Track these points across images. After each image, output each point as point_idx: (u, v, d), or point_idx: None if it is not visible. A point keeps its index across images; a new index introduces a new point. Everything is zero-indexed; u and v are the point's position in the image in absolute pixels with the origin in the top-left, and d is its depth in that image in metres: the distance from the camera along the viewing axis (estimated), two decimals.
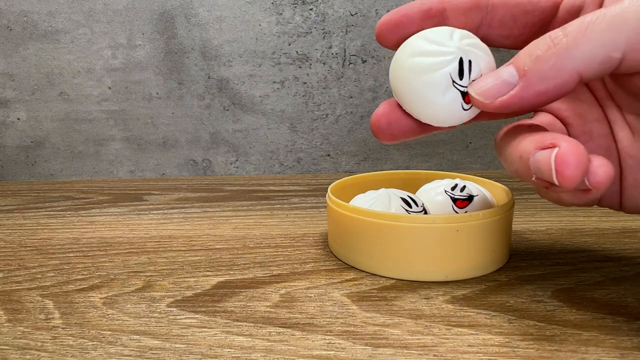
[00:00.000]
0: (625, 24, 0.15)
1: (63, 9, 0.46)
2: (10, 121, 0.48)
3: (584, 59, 0.16)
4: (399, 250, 0.23)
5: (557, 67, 0.16)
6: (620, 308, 0.20)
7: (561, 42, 0.16)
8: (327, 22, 0.46)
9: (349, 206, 0.25)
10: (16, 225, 0.34)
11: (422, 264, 0.23)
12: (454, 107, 0.19)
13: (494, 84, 0.17)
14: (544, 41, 0.16)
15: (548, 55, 0.16)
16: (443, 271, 0.23)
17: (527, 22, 0.21)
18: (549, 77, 0.16)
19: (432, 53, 0.19)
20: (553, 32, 0.16)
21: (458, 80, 0.19)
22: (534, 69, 0.16)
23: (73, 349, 0.18)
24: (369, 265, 0.24)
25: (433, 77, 0.19)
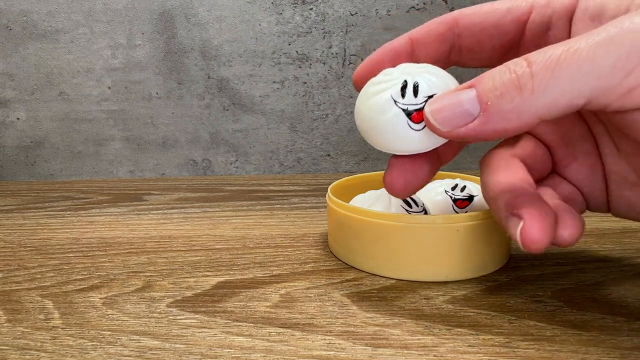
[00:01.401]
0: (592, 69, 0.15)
1: (63, 9, 0.46)
2: (10, 121, 0.48)
3: (546, 105, 0.15)
4: (399, 250, 0.23)
5: (519, 109, 0.15)
6: (620, 308, 0.20)
7: (526, 85, 0.15)
8: (327, 22, 0.46)
9: (349, 206, 0.25)
10: (16, 225, 0.34)
11: (423, 264, 0.23)
12: (400, 125, 0.19)
13: (453, 112, 0.17)
14: (508, 76, 0.16)
15: (512, 95, 0.15)
16: (443, 271, 0.23)
17: (494, 45, 0.21)
18: (509, 117, 0.16)
19: (380, 82, 0.20)
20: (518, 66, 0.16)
21: (400, 99, 0.19)
22: (496, 106, 0.16)
23: (73, 349, 0.18)
24: (369, 266, 0.24)
25: (376, 100, 0.19)
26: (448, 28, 0.21)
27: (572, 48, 0.15)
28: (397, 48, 0.21)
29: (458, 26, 0.21)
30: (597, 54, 0.14)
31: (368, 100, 0.20)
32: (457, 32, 0.21)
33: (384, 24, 0.46)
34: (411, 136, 0.19)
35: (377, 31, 0.46)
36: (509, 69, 0.16)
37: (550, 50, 0.15)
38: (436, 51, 0.21)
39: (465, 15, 0.21)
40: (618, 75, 0.14)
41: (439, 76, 0.19)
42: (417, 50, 0.21)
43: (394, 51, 0.22)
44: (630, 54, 0.14)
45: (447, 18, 0.21)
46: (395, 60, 0.21)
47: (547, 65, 0.15)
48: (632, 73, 0.14)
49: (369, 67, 0.22)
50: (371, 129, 0.20)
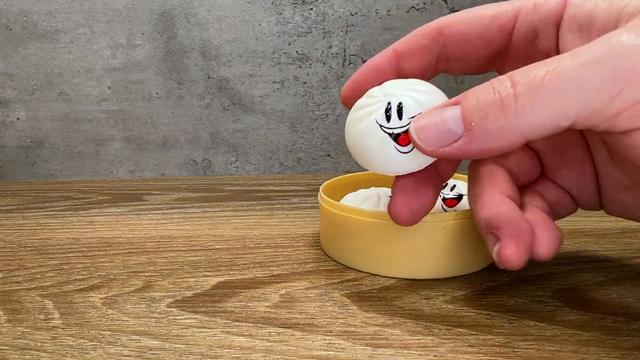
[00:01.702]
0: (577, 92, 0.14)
1: (63, 9, 0.46)
2: (10, 121, 0.48)
3: (531, 126, 0.15)
4: (386, 248, 0.23)
5: (503, 130, 0.15)
6: (620, 308, 0.20)
7: (510, 106, 0.15)
8: (327, 22, 0.46)
9: (338, 205, 0.25)
10: (16, 225, 0.34)
11: (409, 262, 0.23)
12: (387, 150, 0.19)
13: (437, 130, 0.17)
14: (492, 96, 0.15)
15: (496, 116, 0.15)
16: (430, 269, 0.23)
17: (479, 55, 0.20)
18: (494, 137, 0.16)
19: (364, 105, 0.20)
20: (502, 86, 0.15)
21: (385, 123, 0.19)
22: (480, 127, 0.16)
23: (73, 349, 0.18)
24: (358, 263, 0.25)
25: (362, 126, 0.19)
26: (432, 39, 0.20)
27: (556, 68, 0.14)
28: (381, 63, 0.21)
29: (443, 36, 0.20)
30: (582, 75, 0.14)
31: (355, 126, 0.20)
32: (442, 42, 0.20)
33: (384, 24, 0.46)
34: (400, 158, 0.19)
35: (377, 31, 0.46)
36: (494, 89, 0.15)
37: (535, 70, 0.15)
38: (422, 63, 0.21)
39: (449, 25, 0.20)
40: (604, 98, 0.14)
41: (425, 93, 0.19)
42: (403, 63, 0.21)
43: (378, 67, 0.21)
44: (617, 77, 0.14)
45: (430, 28, 0.20)
46: (381, 76, 0.21)
47: (531, 86, 0.15)
48: (618, 96, 0.14)
49: (354, 86, 0.22)
50: (361, 153, 0.20)
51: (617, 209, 0.21)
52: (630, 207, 0.20)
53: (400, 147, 0.19)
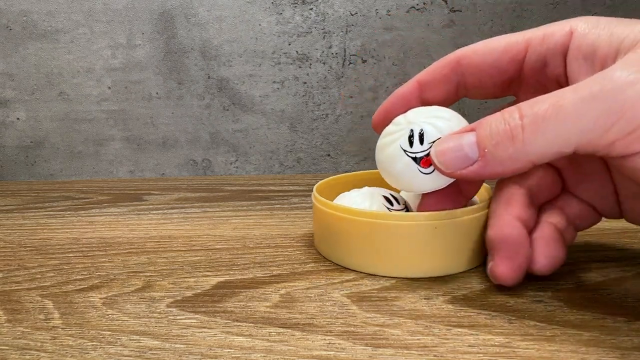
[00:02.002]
0: (575, 125, 0.16)
1: (62, 9, 0.46)
2: (10, 121, 0.48)
3: (537, 153, 0.17)
4: (378, 247, 0.23)
5: (513, 157, 0.17)
6: (620, 308, 0.20)
7: (518, 136, 0.17)
8: (327, 22, 0.46)
9: (331, 204, 0.25)
10: (16, 225, 0.34)
11: (401, 261, 0.23)
12: (412, 172, 0.22)
13: (455, 155, 0.19)
14: (503, 127, 0.17)
15: (506, 145, 0.17)
16: (422, 268, 0.23)
17: (494, 83, 0.22)
18: (505, 163, 0.18)
19: (390, 133, 0.22)
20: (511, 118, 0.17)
21: (408, 148, 0.21)
22: (492, 154, 0.18)
23: (73, 349, 0.18)
24: (350, 262, 0.25)
25: (389, 152, 0.22)
26: (451, 69, 0.23)
27: (557, 103, 0.16)
28: (406, 94, 0.23)
29: (461, 66, 0.22)
30: (580, 111, 0.16)
31: (383, 152, 0.23)
32: (460, 72, 0.22)
33: (384, 24, 0.46)
34: (424, 178, 0.22)
35: (377, 31, 0.46)
36: (504, 119, 0.18)
37: (539, 104, 0.17)
38: (443, 91, 0.23)
39: (466, 56, 0.22)
40: (599, 131, 0.16)
41: (444, 119, 0.21)
42: (425, 92, 0.23)
43: (404, 97, 0.24)
44: (610, 112, 0.16)
45: (449, 60, 0.23)
46: (406, 104, 0.23)
47: (536, 119, 0.17)
48: (611, 129, 0.16)
49: (383, 114, 0.24)
50: (389, 176, 0.23)
51: (635, 218, 0.22)
52: None
53: (422, 168, 0.21)
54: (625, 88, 0.15)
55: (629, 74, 0.16)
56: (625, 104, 0.15)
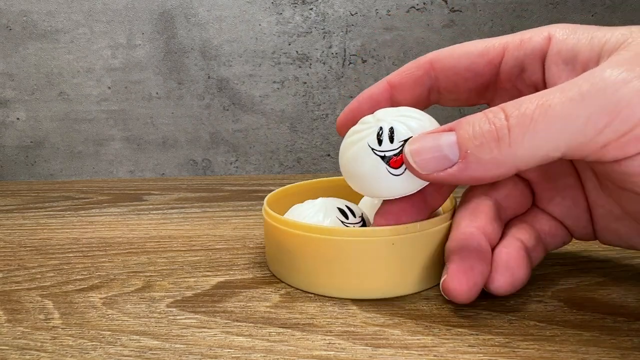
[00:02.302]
0: (565, 127, 0.15)
1: (62, 9, 0.46)
2: (10, 121, 0.48)
3: (523, 157, 0.16)
4: (330, 265, 0.21)
5: (497, 160, 0.16)
6: (620, 308, 0.20)
7: (504, 138, 0.16)
8: (327, 22, 0.46)
9: (281, 219, 0.23)
10: (16, 225, 0.34)
11: (355, 280, 0.21)
12: (379, 173, 0.19)
13: (433, 156, 0.17)
14: (487, 127, 0.16)
15: (491, 147, 0.16)
16: (380, 288, 0.21)
17: (469, 87, 0.21)
18: (487, 167, 0.16)
19: (356, 131, 0.20)
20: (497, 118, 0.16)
21: (377, 146, 0.19)
22: (475, 156, 0.16)
23: (72, 349, 0.18)
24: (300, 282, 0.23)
25: (354, 150, 0.20)
26: (424, 72, 0.21)
27: (545, 103, 0.15)
28: (376, 94, 0.22)
29: (434, 69, 0.21)
30: (569, 111, 0.15)
31: (347, 151, 0.20)
32: (433, 75, 0.21)
33: (384, 24, 0.46)
34: (392, 181, 0.19)
35: (377, 31, 0.46)
36: (488, 120, 0.16)
37: (526, 104, 0.16)
38: (414, 94, 0.22)
39: (440, 59, 0.21)
40: (590, 133, 0.15)
41: (416, 119, 0.20)
42: (396, 94, 0.22)
43: (372, 97, 0.22)
44: (602, 113, 0.14)
45: (422, 61, 0.21)
46: (375, 106, 0.22)
47: (523, 120, 0.15)
48: (603, 131, 0.15)
49: (349, 115, 0.23)
50: (354, 177, 0.20)
51: (610, 238, 0.21)
52: (624, 235, 0.20)
53: (392, 169, 0.19)
54: (619, 87, 0.14)
55: (620, 73, 0.15)
56: (620, 103, 0.14)
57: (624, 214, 0.20)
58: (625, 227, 0.20)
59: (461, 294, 0.19)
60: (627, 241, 0.21)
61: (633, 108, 0.14)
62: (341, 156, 0.21)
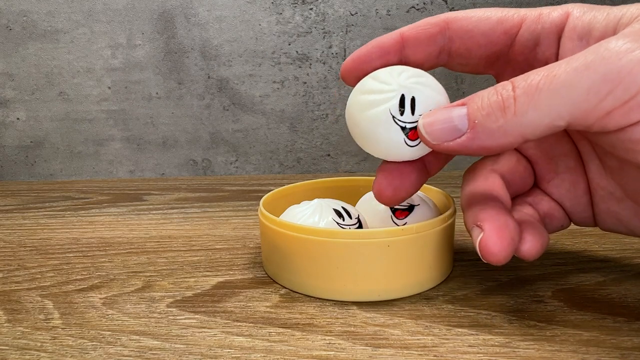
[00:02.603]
0: (569, 94, 0.15)
1: (63, 9, 0.46)
2: (10, 121, 0.48)
3: (529, 126, 0.16)
4: (325, 267, 0.21)
5: (504, 129, 0.16)
6: (620, 308, 0.20)
7: (510, 107, 0.16)
8: (327, 22, 0.46)
9: (276, 220, 0.23)
10: (16, 225, 0.34)
11: (350, 283, 0.21)
12: (397, 142, 0.19)
13: (444, 127, 0.18)
14: (495, 98, 0.16)
15: (497, 116, 0.16)
16: (375, 290, 0.21)
17: (482, 53, 0.21)
18: (495, 136, 0.17)
19: (375, 91, 0.20)
20: (504, 90, 0.16)
21: (399, 116, 0.19)
22: (482, 125, 0.17)
23: (72, 349, 0.18)
24: (299, 284, 0.22)
25: (374, 113, 0.19)
26: (439, 30, 0.21)
27: (551, 74, 0.16)
28: (386, 45, 0.21)
29: (449, 29, 0.21)
30: (573, 80, 0.15)
31: (364, 112, 0.20)
32: (448, 35, 0.21)
33: (384, 24, 0.46)
34: (406, 150, 0.20)
35: (377, 31, 0.46)
36: (496, 91, 0.17)
37: (532, 75, 0.16)
38: (425, 52, 0.21)
39: (457, 19, 0.21)
40: (593, 100, 0.15)
41: (433, 89, 0.20)
42: (407, 48, 0.21)
43: (382, 47, 0.21)
44: (604, 80, 0.15)
45: (439, 19, 0.21)
46: (384, 57, 0.21)
47: (528, 89, 0.16)
48: (606, 98, 0.15)
49: (357, 62, 0.22)
50: (367, 139, 0.20)
51: (610, 223, 0.21)
52: (624, 219, 0.20)
53: (409, 141, 0.19)
54: (622, 56, 0.15)
55: (624, 43, 0.15)
56: (622, 71, 0.15)
57: (625, 196, 0.20)
58: (626, 210, 0.20)
59: (501, 252, 0.18)
60: (627, 225, 0.21)
61: (635, 76, 0.15)
62: (354, 114, 0.20)
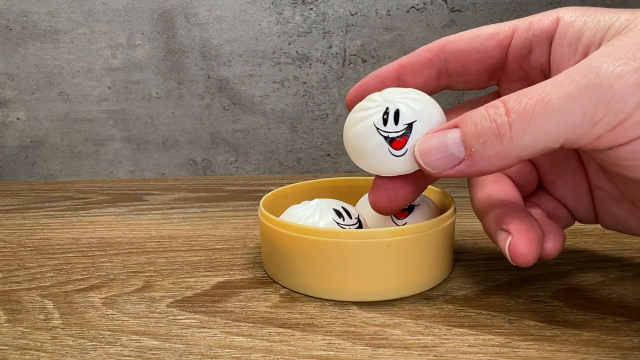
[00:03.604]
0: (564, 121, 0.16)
1: (63, 9, 0.46)
2: (10, 121, 0.48)
3: (525, 149, 0.17)
4: (325, 267, 0.21)
5: (500, 154, 0.17)
6: (620, 308, 0.20)
7: (506, 134, 0.16)
8: (327, 22, 0.46)
9: (276, 220, 0.23)
10: (16, 225, 0.34)
11: (350, 283, 0.21)
12: (382, 153, 0.20)
13: (442, 156, 0.18)
14: (489, 124, 0.17)
15: (494, 143, 0.17)
16: (375, 290, 0.21)
17: (478, 68, 0.22)
18: (493, 161, 0.17)
19: (364, 108, 0.21)
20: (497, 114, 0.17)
21: (382, 127, 0.20)
22: (480, 152, 0.17)
23: (72, 349, 0.18)
24: (299, 284, 0.22)
25: (361, 127, 0.20)
26: (434, 54, 0.22)
27: (545, 99, 0.16)
28: (385, 74, 0.23)
29: (444, 52, 0.22)
30: (567, 107, 0.16)
31: (353, 127, 0.21)
32: (443, 58, 0.22)
33: (384, 24, 0.46)
34: (393, 160, 0.20)
35: (377, 31, 0.46)
36: (489, 116, 0.17)
37: (525, 99, 0.16)
38: (423, 76, 0.22)
39: (451, 41, 0.22)
40: (587, 126, 0.16)
41: (420, 102, 0.20)
42: (405, 75, 0.23)
43: (380, 77, 0.23)
44: (597, 108, 0.15)
45: (434, 45, 0.22)
46: (382, 86, 0.22)
47: (523, 115, 0.16)
48: (598, 124, 0.16)
49: (358, 92, 0.23)
50: (356, 154, 0.21)
51: (610, 222, 0.22)
52: (621, 219, 0.21)
53: (394, 150, 0.20)
54: (613, 82, 0.15)
55: (616, 67, 0.15)
56: (614, 98, 0.15)
57: (622, 198, 0.20)
58: (623, 210, 0.21)
59: (531, 253, 0.18)
60: (625, 224, 0.21)
61: (625, 102, 0.15)
62: (346, 131, 0.21)
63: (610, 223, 0.22)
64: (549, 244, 0.19)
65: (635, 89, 0.15)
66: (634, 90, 0.15)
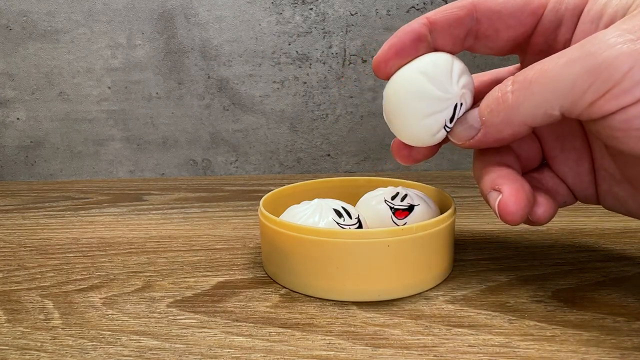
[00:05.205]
0: (556, 87, 0.16)
1: (62, 9, 0.46)
2: (10, 121, 0.48)
3: (527, 115, 0.18)
4: (325, 267, 0.21)
5: (506, 121, 0.18)
6: (620, 308, 0.20)
7: (508, 100, 0.18)
8: (327, 22, 0.46)
9: (276, 220, 0.23)
10: (16, 225, 0.34)
11: (351, 283, 0.21)
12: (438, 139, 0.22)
13: (463, 127, 0.20)
14: (495, 94, 0.19)
15: (498, 110, 0.18)
16: (375, 290, 0.21)
17: (509, 35, 0.21)
18: (501, 128, 0.19)
19: (433, 98, 0.20)
20: (503, 85, 0.18)
21: (449, 124, 0.21)
22: (489, 121, 0.19)
23: (72, 349, 0.18)
24: (299, 284, 0.22)
25: (429, 121, 0.21)
26: (467, 12, 0.21)
27: (543, 67, 0.17)
28: (416, 29, 0.21)
29: (477, 11, 0.21)
30: (560, 74, 0.16)
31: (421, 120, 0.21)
32: (475, 17, 0.21)
33: (384, 24, 0.46)
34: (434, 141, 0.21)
35: (377, 31, 0.46)
36: (499, 88, 0.18)
37: (528, 70, 0.18)
38: (453, 35, 0.21)
39: (484, 1, 0.21)
40: (577, 93, 0.16)
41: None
42: (434, 33, 0.21)
43: (413, 34, 0.21)
44: (586, 74, 0.16)
45: (466, 2, 0.21)
46: (416, 46, 0.21)
47: (523, 83, 0.18)
48: (587, 91, 0.16)
49: (389, 51, 0.22)
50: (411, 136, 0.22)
51: (611, 203, 0.22)
52: (623, 200, 0.21)
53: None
54: (604, 50, 0.16)
55: (611, 37, 0.16)
56: (601, 65, 0.15)
57: (623, 178, 0.21)
58: (623, 191, 0.21)
59: (518, 211, 0.19)
60: (624, 205, 0.21)
61: (613, 70, 0.15)
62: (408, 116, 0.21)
63: (610, 203, 0.22)
64: (540, 209, 0.20)
65: (625, 57, 0.15)
66: (623, 59, 0.15)
